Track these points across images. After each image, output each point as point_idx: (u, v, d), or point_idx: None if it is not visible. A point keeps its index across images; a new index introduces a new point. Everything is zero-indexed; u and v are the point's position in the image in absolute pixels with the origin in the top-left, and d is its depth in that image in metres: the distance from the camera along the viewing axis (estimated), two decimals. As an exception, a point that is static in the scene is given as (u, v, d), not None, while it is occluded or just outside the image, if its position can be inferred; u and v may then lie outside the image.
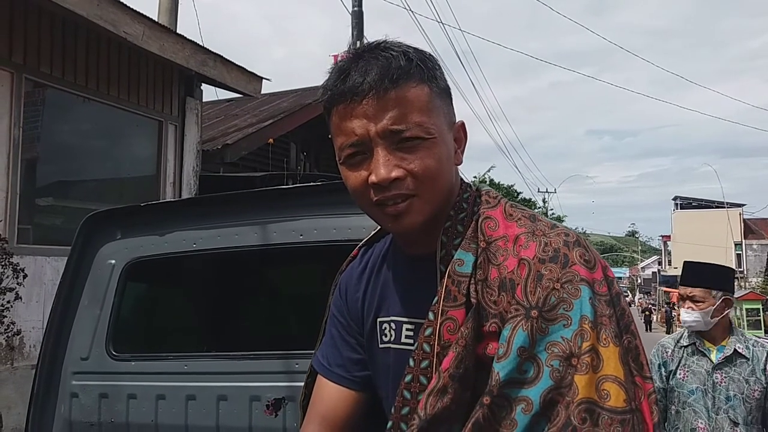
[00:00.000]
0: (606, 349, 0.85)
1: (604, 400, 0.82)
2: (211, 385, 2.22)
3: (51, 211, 6.21)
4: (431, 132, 0.96)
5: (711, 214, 40.79)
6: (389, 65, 0.94)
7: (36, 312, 5.28)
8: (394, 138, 0.94)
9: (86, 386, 2.37)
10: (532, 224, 0.97)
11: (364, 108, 0.94)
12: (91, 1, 5.39)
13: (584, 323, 0.85)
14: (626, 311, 0.91)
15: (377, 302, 1.13)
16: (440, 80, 1.01)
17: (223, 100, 11.48)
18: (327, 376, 1.19)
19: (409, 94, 0.95)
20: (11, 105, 5.35)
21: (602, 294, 0.89)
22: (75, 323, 2.41)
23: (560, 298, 0.87)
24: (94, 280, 2.41)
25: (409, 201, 0.96)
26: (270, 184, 7.28)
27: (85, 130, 6.48)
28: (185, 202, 3.39)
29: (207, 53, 7.05)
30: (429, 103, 0.96)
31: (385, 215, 0.98)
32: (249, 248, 2.26)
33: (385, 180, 0.94)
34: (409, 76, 0.95)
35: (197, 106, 7.59)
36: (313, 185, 2.27)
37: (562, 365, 0.83)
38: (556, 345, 0.85)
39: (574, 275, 0.88)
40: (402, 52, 0.97)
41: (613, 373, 0.84)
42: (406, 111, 0.94)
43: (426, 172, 0.95)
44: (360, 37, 9.65)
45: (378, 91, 0.93)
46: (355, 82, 0.94)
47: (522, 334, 0.86)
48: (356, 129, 0.95)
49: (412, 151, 0.95)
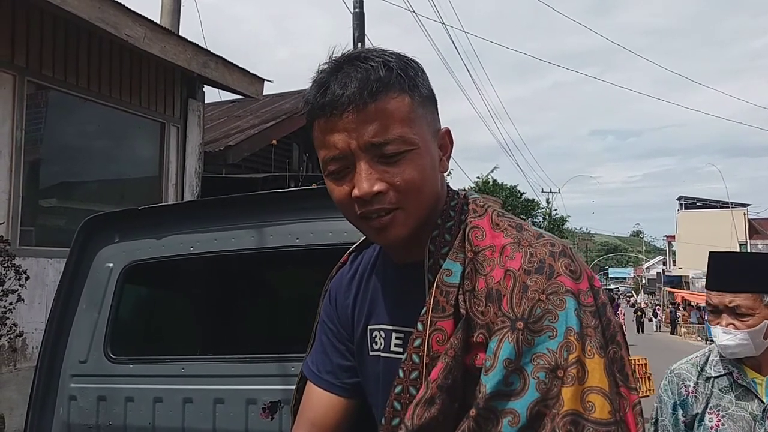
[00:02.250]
0: (591, 360, 0.85)
1: (589, 412, 0.82)
2: (207, 388, 2.22)
3: (53, 213, 6.24)
4: (414, 143, 0.95)
5: (716, 214, 40.70)
6: (368, 77, 0.93)
7: (38, 314, 5.30)
8: (376, 151, 0.93)
9: (84, 389, 2.39)
10: (518, 234, 0.96)
11: (344, 122, 0.93)
12: (92, 4, 5.41)
13: (570, 335, 0.85)
14: (612, 321, 0.91)
15: (367, 310, 1.13)
16: (422, 88, 0.99)
17: (226, 101, 11.50)
18: (316, 383, 1.19)
19: (390, 105, 0.93)
20: (14, 107, 5.37)
21: (588, 305, 0.89)
22: (73, 326, 2.42)
23: (546, 310, 0.87)
24: (92, 284, 2.43)
25: (392, 214, 0.96)
26: (272, 186, 7.29)
27: (88, 132, 6.51)
28: (182, 205, 3.41)
29: (208, 55, 7.07)
30: (410, 114, 0.95)
31: (370, 228, 0.99)
32: (246, 251, 2.27)
33: (368, 194, 0.93)
34: (389, 87, 0.93)
35: (199, 108, 7.61)
36: (309, 189, 2.27)
37: (548, 377, 0.83)
38: (541, 357, 0.85)
39: (559, 286, 0.88)
40: (382, 62, 0.95)
41: (598, 385, 0.84)
42: (387, 123, 0.93)
43: (409, 185, 0.95)
44: (361, 38, 9.66)
45: (357, 104, 0.92)
46: (335, 95, 0.93)
47: (508, 346, 0.86)
48: (337, 143, 0.94)
49: (394, 164, 0.94)
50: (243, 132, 9.08)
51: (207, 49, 7.11)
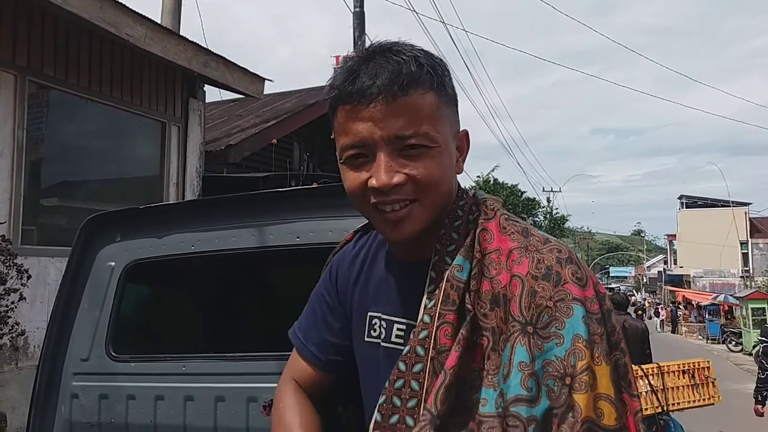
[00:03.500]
0: (599, 367, 0.85)
1: (599, 418, 0.83)
2: (208, 386, 2.24)
3: (55, 212, 6.25)
4: (436, 140, 0.96)
5: (717, 212, 40.64)
6: (400, 70, 0.94)
7: (40, 313, 5.32)
8: (399, 144, 0.95)
9: (86, 387, 2.40)
10: (525, 239, 0.96)
11: (371, 111, 0.94)
12: (93, 4, 5.42)
13: (578, 342, 0.85)
14: (616, 328, 0.92)
15: (368, 295, 1.13)
16: (448, 87, 1.00)
17: (227, 100, 11.51)
18: (300, 351, 1.23)
19: (418, 101, 0.94)
20: (15, 107, 5.39)
21: (594, 312, 0.89)
22: (75, 324, 2.44)
23: (552, 317, 0.87)
24: (93, 282, 2.44)
25: (408, 208, 0.97)
26: (273, 185, 7.31)
27: (89, 131, 6.52)
28: (183, 204, 3.42)
29: (209, 54, 7.07)
30: (436, 111, 0.96)
31: (385, 221, 0.99)
32: (246, 250, 2.28)
33: (386, 186, 0.94)
34: (419, 83, 0.95)
35: (200, 107, 7.62)
36: (309, 188, 2.28)
37: (557, 385, 0.84)
38: (550, 364, 0.85)
39: (566, 294, 0.88)
40: (413, 57, 0.96)
41: (605, 392, 0.84)
42: (413, 118, 0.94)
43: (428, 179, 0.96)
44: (361, 37, 9.66)
45: (387, 96, 0.93)
46: (364, 85, 0.94)
47: (521, 349, 0.86)
48: (361, 131, 0.95)
49: (414, 159, 0.95)
50: (244, 131, 9.09)
51: (208, 49, 7.12)
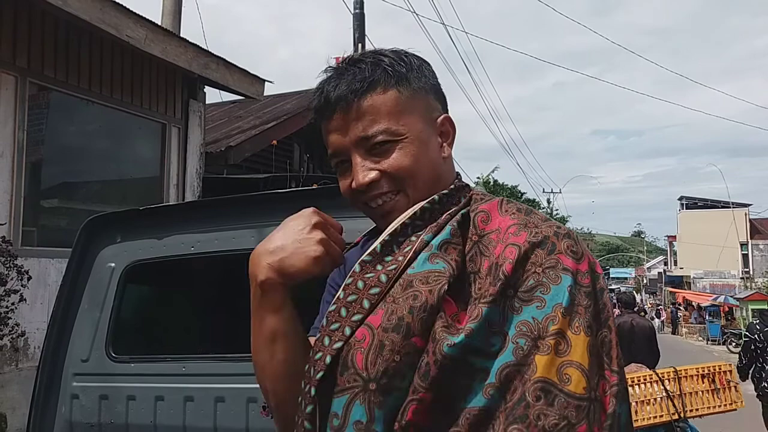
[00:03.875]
0: (576, 336, 0.86)
1: (564, 383, 0.83)
2: (208, 387, 2.25)
3: (55, 213, 6.26)
4: (400, 133, 1.01)
5: (717, 214, 40.65)
6: (354, 77, 1.01)
7: (40, 314, 5.33)
8: (366, 144, 1.01)
9: (86, 387, 2.41)
10: (526, 217, 0.98)
11: (336, 121, 1.02)
12: (94, 6, 5.44)
13: (557, 309, 0.86)
14: (608, 306, 0.93)
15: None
16: (414, 81, 1.04)
17: (227, 101, 11.53)
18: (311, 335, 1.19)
19: (375, 101, 1.00)
20: (15, 108, 5.40)
21: (584, 285, 0.90)
22: (75, 325, 2.45)
23: (539, 282, 0.89)
24: (94, 283, 2.45)
25: (394, 200, 1.02)
26: (273, 186, 7.31)
27: (89, 132, 6.54)
28: (183, 206, 3.43)
29: (209, 56, 7.09)
30: (397, 106, 1.01)
31: (375, 214, 1.06)
32: (246, 251, 2.28)
33: (362, 185, 1.01)
34: (373, 83, 1.01)
35: (200, 109, 7.63)
36: (309, 189, 2.29)
37: (527, 344, 0.85)
38: (525, 324, 0.86)
39: (557, 262, 0.90)
40: (372, 62, 1.03)
41: (578, 360, 0.85)
42: (372, 117, 1.00)
43: (399, 170, 1.01)
44: (362, 38, 9.69)
45: (344, 104, 1.01)
46: (327, 98, 1.03)
47: (494, 311, 0.88)
48: (335, 141, 1.04)
49: (384, 154, 1.01)
50: (244, 132, 9.11)
51: (208, 50, 7.13)
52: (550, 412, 0.81)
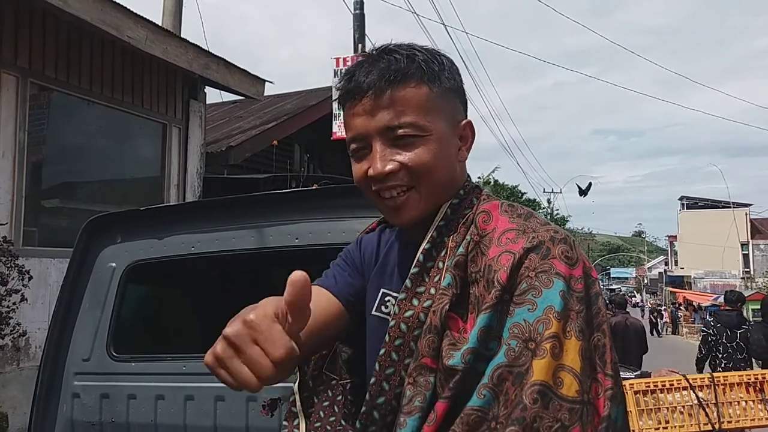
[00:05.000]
0: (568, 341, 0.88)
1: (557, 387, 0.85)
2: (208, 386, 2.26)
3: (56, 214, 6.28)
4: (426, 129, 1.02)
5: (717, 214, 40.60)
6: (389, 67, 1.02)
7: (41, 313, 5.34)
8: (390, 134, 1.01)
9: (87, 386, 2.42)
10: (525, 222, 1.00)
11: (363, 106, 1.02)
12: (95, 6, 5.45)
13: (550, 312, 0.88)
14: (602, 311, 0.94)
15: (386, 273, 1.17)
16: (445, 81, 1.05)
17: (228, 102, 11.55)
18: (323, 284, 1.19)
19: (407, 93, 1.01)
20: (17, 108, 5.41)
21: (577, 290, 0.91)
22: (76, 325, 2.46)
23: (531, 285, 0.90)
24: (95, 283, 2.46)
25: (406, 195, 1.03)
26: (274, 186, 7.33)
27: (90, 132, 6.55)
28: (184, 206, 3.44)
29: (210, 56, 7.10)
30: (427, 103, 1.02)
31: (386, 207, 1.06)
32: (246, 251, 2.30)
33: (381, 173, 1.01)
34: (408, 76, 1.01)
35: (201, 109, 7.64)
36: (308, 189, 2.31)
37: (519, 346, 0.87)
38: (517, 326, 0.88)
39: (550, 267, 0.92)
40: (407, 55, 1.03)
41: (570, 365, 0.86)
42: (402, 109, 1.01)
43: (419, 166, 1.01)
44: (362, 39, 9.69)
45: (376, 90, 1.01)
46: (357, 83, 1.03)
47: (492, 317, 0.91)
48: (358, 125, 1.04)
49: (407, 147, 1.02)
50: (244, 133, 9.12)
51: (208, 51, 7.15)
52: (545, 415, 0.83)
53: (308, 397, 1.26)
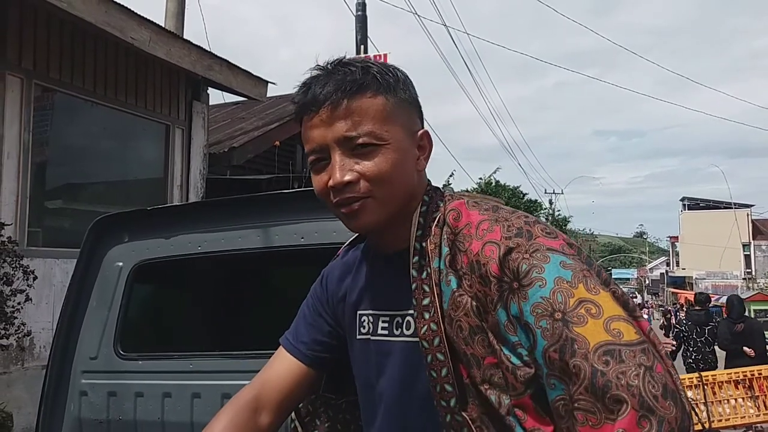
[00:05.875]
0: (598, 296, 0.89)
1: (619, 337, 0.85)
2: (215, 384, 2.28)
3: (60, 214, 6.31)
4: (384, 138, 1.03)
5: (719, 214, 40.61)
6: (345, 78, 1.03)
7: (46, 313, 5.37)
8: (349, 144, 1.02)
9: (95, 385, 2.44)
10: (494, 214, 1.03)
11: (321, 117, 1.03)
12: (98, 8, 5.48)
13: (561, 282, 0.90)
14: (602, 271, 0.98)
15: (357, 296, 1.19)
16: (401, 92, 1.07)
17: (230, 103, 11.57)
18: (287, 348, 1.26)
19: (363, 103, 1.03)
20: (21, 110, 5.44)
21: (572, 254, 0.95)
22: (84, 324, 2.48)
23: (531, 265, 0.92)
24: (102, 282, 2.48)
25: (362, 202, 1.03)
26: (276, 187, 7.35)
27: (94, 134, 6.58)
28: (190, 206, 3.46)
29: (213, 58, 7.13)
30: (384, 112, 1.04)
31: (342, 215, 1.06)
32: (252, 251, 2.32)
33: (340, 183, 1.02)
34: (364, 87, 1.03)
35: (204, 110, 7.67)
36: (310, 189, 2.32)
37: (549, 323, 0.87)
38: (538, 306, 0.89)
39: (540, 245, 0.95)
40: (362, 67, 1.06)
41: (615, 313, 0.87)
42: (359, 119, 1.02)
43: (378, 175, 1.02)
44: (364, 40, 9.73)
45: (332, 101, 1.02)
46: (314, 94, 1.04)
47: (514, 306, 0.92)
48: (316, 137, 1.04)
49: (365, 157, 1.02)
50: (247, 134, 9.15)
51: (211, 52, 7.18)
52: (625, 368, 0.82)
53: (310, 421, 1.30)
